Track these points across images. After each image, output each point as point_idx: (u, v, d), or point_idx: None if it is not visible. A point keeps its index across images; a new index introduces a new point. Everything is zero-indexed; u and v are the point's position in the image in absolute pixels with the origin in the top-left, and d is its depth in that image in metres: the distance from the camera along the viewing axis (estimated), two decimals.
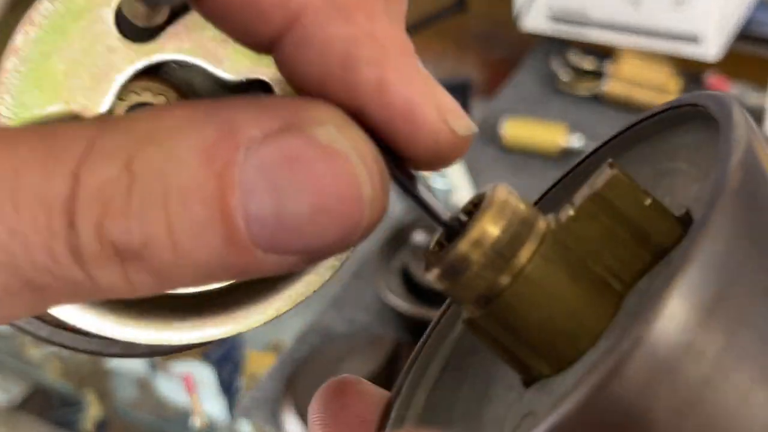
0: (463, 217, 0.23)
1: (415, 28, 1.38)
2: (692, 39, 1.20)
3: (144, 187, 0.19)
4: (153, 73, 0.25)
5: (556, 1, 1.27)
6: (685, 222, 0.22)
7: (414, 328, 1.01)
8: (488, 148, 1.20)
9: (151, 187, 0.19)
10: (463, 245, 0.22)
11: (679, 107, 0.24)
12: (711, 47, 1.20)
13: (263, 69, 0.25)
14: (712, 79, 1.24)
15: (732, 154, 0.20)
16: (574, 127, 1.18)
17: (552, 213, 0.23)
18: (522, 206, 0.22)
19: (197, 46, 0.25)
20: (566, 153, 1.16)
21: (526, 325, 0.22)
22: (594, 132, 1.19)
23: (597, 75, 1.26)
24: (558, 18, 1.28)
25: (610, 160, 0.22)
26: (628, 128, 0.26)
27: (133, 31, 0.24)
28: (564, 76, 1.27)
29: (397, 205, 1.12)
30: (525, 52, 1.34)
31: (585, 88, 1.26)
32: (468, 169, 1.13)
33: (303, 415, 0.94)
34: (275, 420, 0.99)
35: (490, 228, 0.22)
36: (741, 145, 0.20)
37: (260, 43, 0.21)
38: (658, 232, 0.22)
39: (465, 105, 1.23)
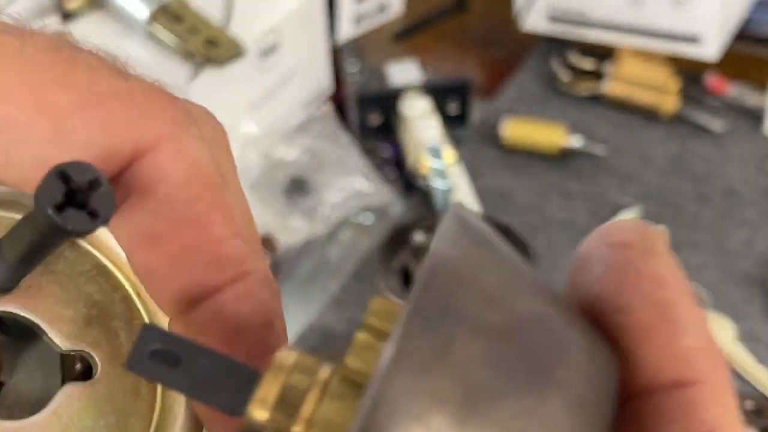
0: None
1: (415, 28, 1.38)
2: (692, 39, 1.20)
3: None
4: None
5: (556, 1, 1.27)
6: None
7: None
8: (488, 148, 1.20)
9: None
10: (251, 410, 0.23)
11: None
12: (711, 47, 1.20)
13: (89, 343, 0.26)
14: (712, 80, 1.24)
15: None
16: (574, 128, 1.18)
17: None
18: (303, 360, 0.23)
19: (42, 307, 0.25)
20: (566, 153, 1.17)
21: None
22: (594, 132, 1.19)
23: (597, 75, 1.26)
24: (558, 18, 1.28)
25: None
26: None
27: None
28: (564, 76, 1.27)
29: (398, 206, 1.12)
30: (525, 52, 1.34)
31: (585, 88, 1.26)
32: (468, 169, 1.13)
33: None
34: None
35: (267, 391, 0.23)
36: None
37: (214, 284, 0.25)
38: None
39: (465, 105, 1.23)
